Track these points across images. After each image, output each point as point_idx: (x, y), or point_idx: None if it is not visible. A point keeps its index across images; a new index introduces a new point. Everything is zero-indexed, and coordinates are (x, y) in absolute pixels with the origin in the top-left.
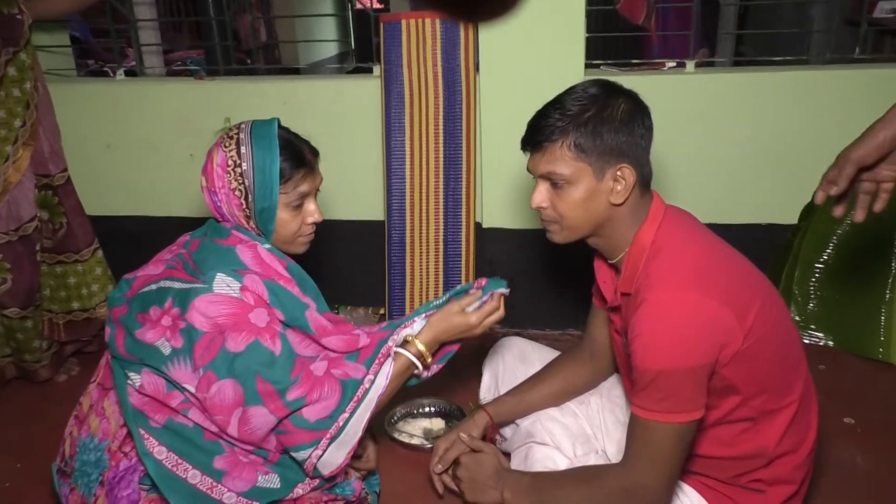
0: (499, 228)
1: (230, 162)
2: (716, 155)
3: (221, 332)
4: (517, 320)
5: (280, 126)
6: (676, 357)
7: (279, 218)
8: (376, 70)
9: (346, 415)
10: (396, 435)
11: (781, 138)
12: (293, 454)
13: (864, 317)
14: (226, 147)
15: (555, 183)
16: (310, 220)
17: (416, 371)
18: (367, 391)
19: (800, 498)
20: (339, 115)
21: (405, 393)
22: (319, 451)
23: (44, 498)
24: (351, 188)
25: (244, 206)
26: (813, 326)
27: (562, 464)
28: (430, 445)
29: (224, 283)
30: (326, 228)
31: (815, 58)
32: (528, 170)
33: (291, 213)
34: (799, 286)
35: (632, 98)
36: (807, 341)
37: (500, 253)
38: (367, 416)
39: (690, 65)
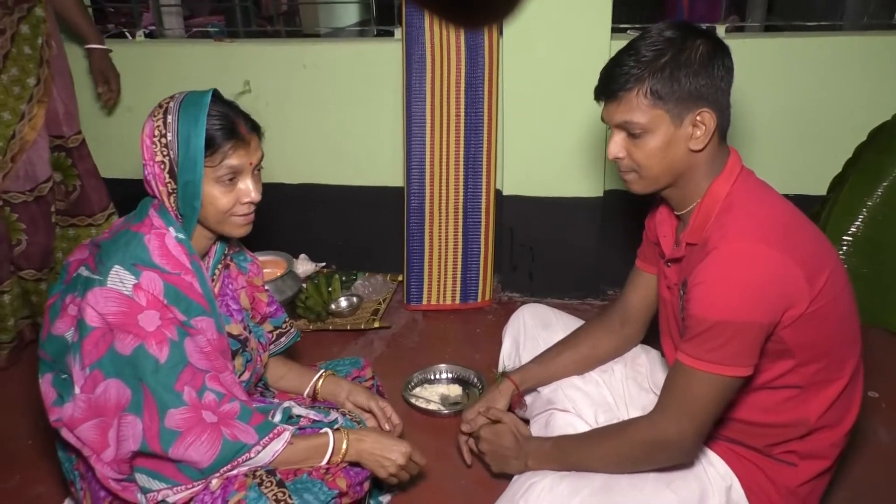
0: (519, 196)
1: (157, 132)
2: (743, 123)
3: (111, 331)
4: (536, 289)
5: (218, 97)
6: (738, 309)
7: (207, 193)
8: (398, 33)
9: (216, 475)
10: (413, 400)
11: (812, 107)
12: (147, 476)
13: (891, 291)
14: (154, 117)
15: (631, 132)
16: (245, 199)
17: (317, 461)
18: (249, 459)
19: (829, 475)
20: (360, 78)
21: (422, 359)
22: (172, 494)
23: None
24: (370, 154)
25: (167, 180)
26: None
27: (583, 430)
28: (446, 411)
29: (118, 278)
30: (345, 194)
31: (850, 24)
32: (602, 119)
33: (223, 190)
34: None
35: (710, 39)
36: None
37: (519, 221)
38: (233, 474)
39: (721, 30)
